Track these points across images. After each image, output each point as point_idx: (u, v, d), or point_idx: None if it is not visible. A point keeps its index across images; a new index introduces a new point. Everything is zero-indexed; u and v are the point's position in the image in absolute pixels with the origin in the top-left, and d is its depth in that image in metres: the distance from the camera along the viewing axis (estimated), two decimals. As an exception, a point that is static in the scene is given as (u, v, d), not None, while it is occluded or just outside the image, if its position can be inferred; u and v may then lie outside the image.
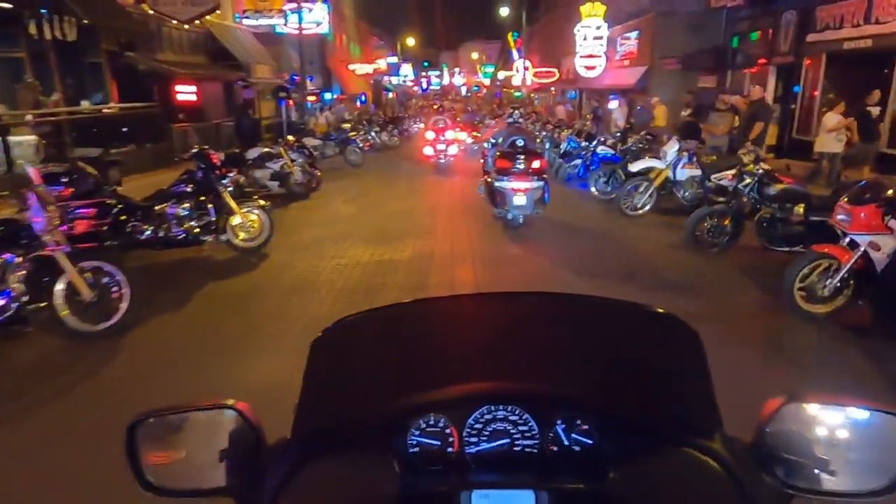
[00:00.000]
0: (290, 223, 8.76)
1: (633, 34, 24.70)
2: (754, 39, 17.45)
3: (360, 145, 16.89)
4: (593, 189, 10.04)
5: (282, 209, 9.85)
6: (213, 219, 6.49)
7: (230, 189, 6.69)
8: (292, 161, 10.78)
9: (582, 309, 1.22)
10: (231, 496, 0.87)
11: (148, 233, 6.36)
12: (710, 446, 0.85)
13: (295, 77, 23.51)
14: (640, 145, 9.96)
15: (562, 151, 12.92)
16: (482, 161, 10.16)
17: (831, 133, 9.35)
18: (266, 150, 10.82)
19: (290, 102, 23.77)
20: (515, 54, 42.67)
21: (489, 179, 7.98)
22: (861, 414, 0.83)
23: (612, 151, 10.92)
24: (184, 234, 6.42)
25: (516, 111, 10.56)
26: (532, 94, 42.52)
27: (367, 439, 0.90)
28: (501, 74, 58.93)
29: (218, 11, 18.20)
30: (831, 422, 0.83)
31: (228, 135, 16.37)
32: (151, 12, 16.17)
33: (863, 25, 12.46)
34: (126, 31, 15.18)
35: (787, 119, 15.08)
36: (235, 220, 6.67)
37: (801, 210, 5.86)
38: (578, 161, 11.99)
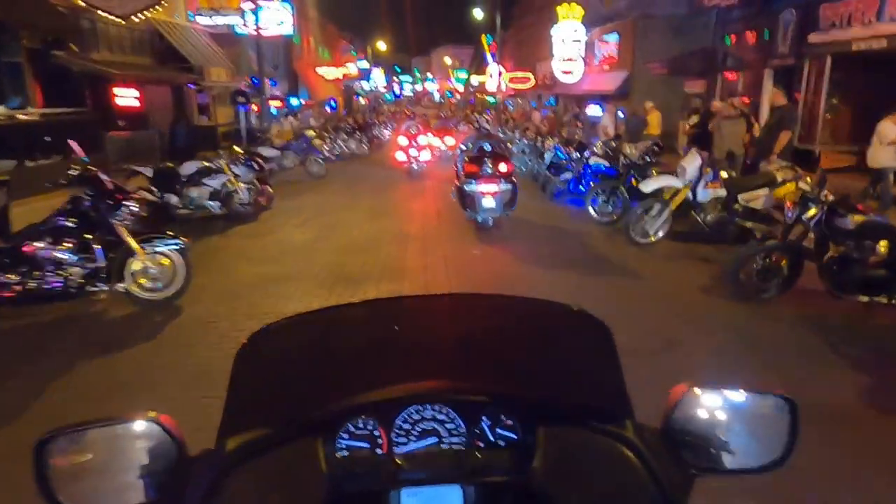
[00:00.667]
0: (225, 256, 7.10)
1: (613, 38, 23.67)
2: (729, 45, 16.42)
3: (324, 155, 15.47)
4: (591, 209, 8.57)
5: (219, 236, 8.19)
6: (102, 264, 4.83)
7: (127, 223, 5.00)
8: (236, 176, 9.14)
9: (503, 308, 1.26)
10: None
11: (11, 283, 4.69)
12: (621, 433, 0.88)
13: (256, 81, 21.68)
14: (647, 158, 8.52)
15: (547, 163, 11.45)
16: (455, 167, 9.43)
17: (891, 146, 7.97)
18: (204, 164, 9.15)
19: (255, 107, 21.96)
20: (489, 58, 41.38)
21: (459, 184, 8.11)
22: (752, 398, 0.90)
23: (607, 163, 9.51)
24: (62, 284, 4.75)
25: (482, 116, 9.45)
26: (506, 100, 41.32)
27: (293, 445, 0.87)
28: (475, 80, 57.63)
29: (162, 7, 16.33)
30: (728, 406, 0.88)
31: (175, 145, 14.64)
32: (83, 5, 14.28)
33: (875, 24, 11.33)
34: (52, 28, 13.37)
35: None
36: (136, 263, 4.99)
37: (884, 249, 4.48)
38: (569, 174, 10.57)
